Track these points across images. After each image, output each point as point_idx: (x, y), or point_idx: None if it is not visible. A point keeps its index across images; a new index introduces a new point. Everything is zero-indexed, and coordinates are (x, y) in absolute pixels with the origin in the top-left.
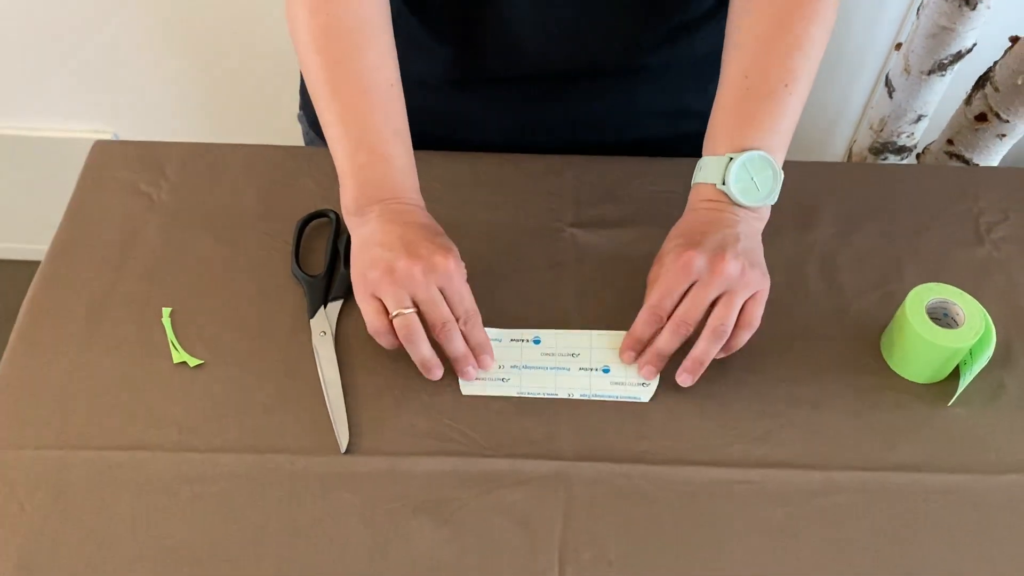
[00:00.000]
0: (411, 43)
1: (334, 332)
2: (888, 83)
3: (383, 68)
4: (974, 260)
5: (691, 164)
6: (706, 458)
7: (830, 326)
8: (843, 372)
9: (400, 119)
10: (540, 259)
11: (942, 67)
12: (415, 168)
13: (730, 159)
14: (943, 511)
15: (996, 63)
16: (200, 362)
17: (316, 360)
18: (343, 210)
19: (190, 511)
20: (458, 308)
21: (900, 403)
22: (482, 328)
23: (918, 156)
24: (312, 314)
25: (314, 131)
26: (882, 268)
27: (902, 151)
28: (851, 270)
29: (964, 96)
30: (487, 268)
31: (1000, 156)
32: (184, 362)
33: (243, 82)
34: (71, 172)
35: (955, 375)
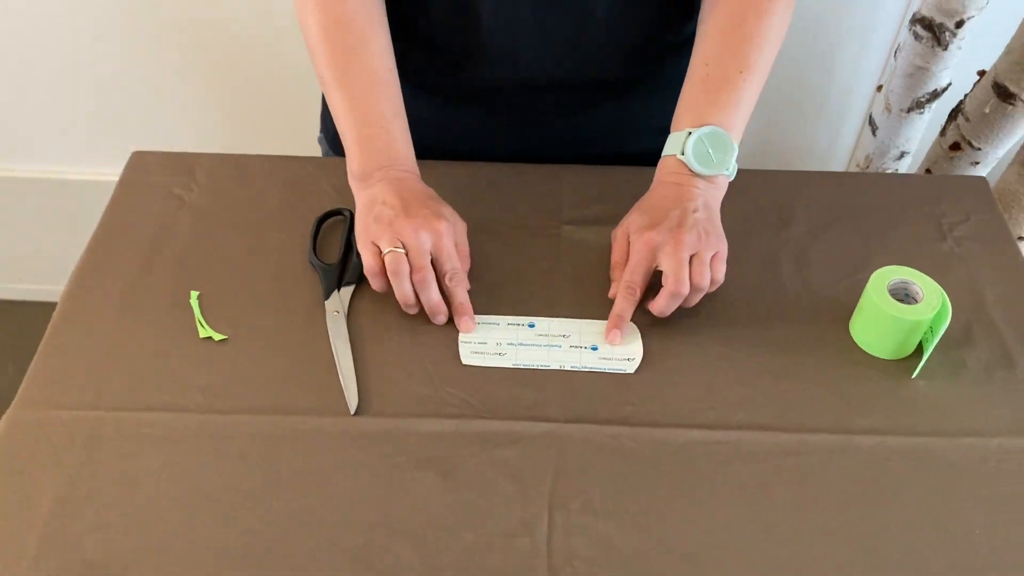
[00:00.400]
0: (413, 54)
1: (346, 312)
2: (871, 122)
3: (384, 58)
4: (937, 254)
5: None
6: (686, 421)
7: (802, 310)
8: (814, 349)
9: (399, 101)
10: (536, 253)
11: (920, 105)
12: (412, 143)
13: (689, 133)
14: (905, 470)
15: (966, 95)
16: (224, 337)
17: (329, 336)
18: (349, 176)
19: (212, 463)
20: (445, 265)
21: (867, 376)
22: (465, 289)
23: None
24: (327, 296)
25: (333, 151)
26: (851, 260)
27: None
28: (822, 262)
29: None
30: (486, 261)
31: None
32: (209, 337)
33: (265, 109)
34: (93, 214)
35: (918, 353)
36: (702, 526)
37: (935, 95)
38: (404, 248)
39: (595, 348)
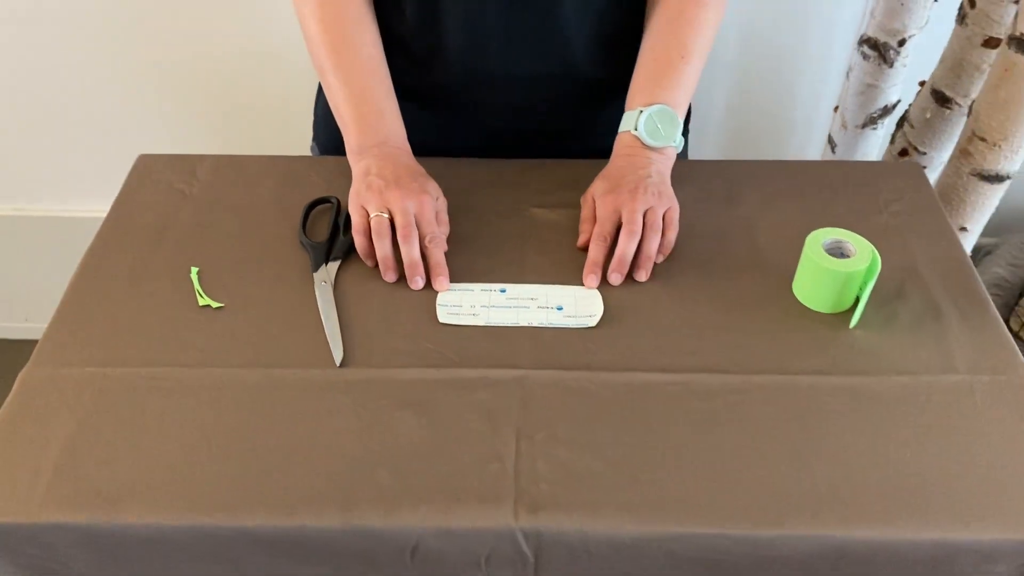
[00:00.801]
0: (389, 56)
1: (333, 283)
2: (830, 140)
3: (376, 48)
4: (874, 225)
5: None
6: (642, 366)
7: (750, 274)
8: (760, 306)
9: (390, 85)
10: (507, 231)
11: (873, 120)
12: (403, 123)
13: (640, 111)
14: (842, 405)
15: (910, 104)
16: (220, 305)
17: (317, 301)
18: (347, 151)
19: (209, 408)
20: (424, 228)
21: (809, 327)
22: (443, 252)
23: None
24: (315, 270)
25: None
26: (794, 231)
27: None
28: (768, 233)
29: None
30: (462, 239)
31: None
32: (207, 305)
33: (260, 123)
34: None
35: (856, 308)
36: (655, 452)
37: (886, 111)
38: (389, 214)
39: (560, 308)
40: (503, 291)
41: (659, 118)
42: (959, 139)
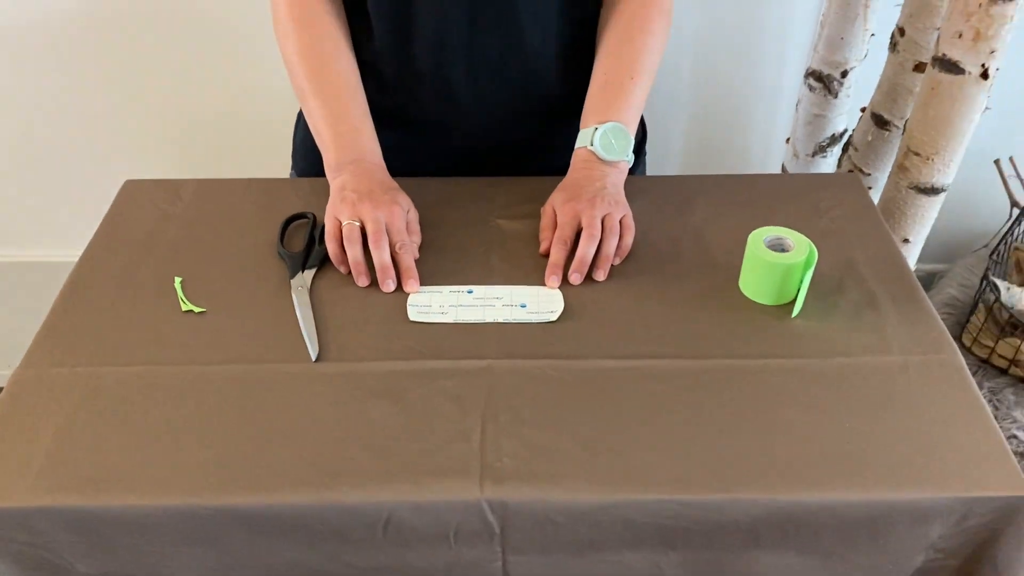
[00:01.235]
0: (375, 90)
1: (309, 288)
2: (784, 170)
3: (351, 72)
4: (816, 228)
5: None
6: (600, 354)
7: (700, 274)
8: (710, 301)
9: (366, 106)
10: (474, 239)
11: (822, 149)
12: (378, 140)
13: (595, 128)
14: (785, 384)
15: (853, 129)
16: (203, 310)
17: (295, 305)
18: (326, 168)
19: (192, 401)
20: (395, 236)
21: (754, 318)
22: (412, 258)
23: None
24: (292, 276)
25: None
26: (741, 236)
27: None
28: (718, 238)
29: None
30: (433, 247)
31: None
32: (190, 310)
33: (241, 153)
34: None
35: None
36: (613, 428)
37: (834, 139)
38: (361, 223)
39: (524, 305)
40: (470, 292)
41: (613, 135)
42: (896, 156)
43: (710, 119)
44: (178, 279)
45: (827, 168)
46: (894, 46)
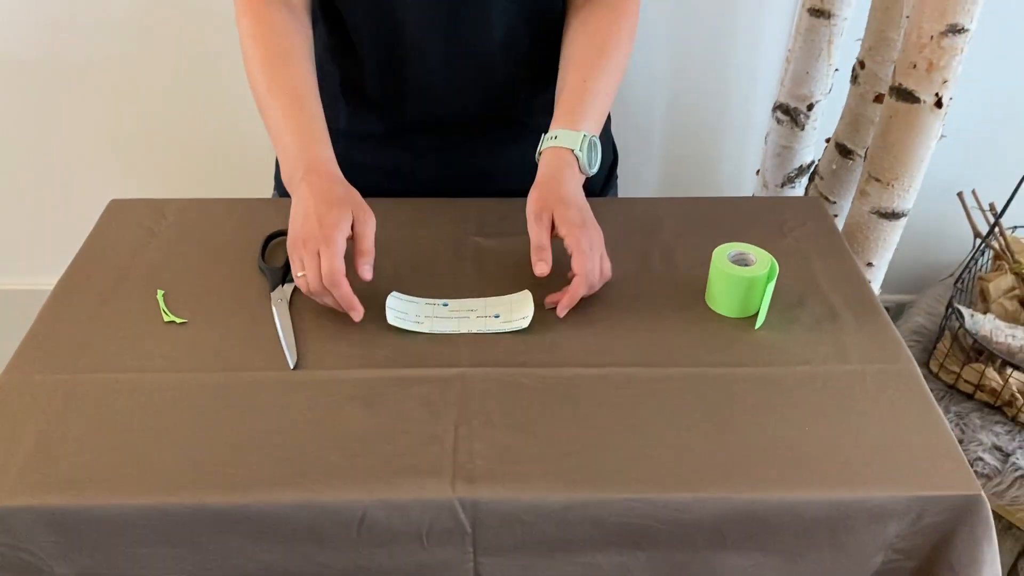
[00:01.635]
0: (350, 106)
1: (289, 300)
2: None
3: (304, 81)
4: (779, 247)
5: None
6: (570, 363)
7: (667, 288)
8: (677, 314)
9: (318, 111)
10: (451, 255)
11: (791, 180)
12: (331, 145)
13: (584, 136)
14: (748, 391)
15: (819, 159)
16: (184, 321)
17: (274, 317)
18: (284, 180)
19: (172, 406)
20: (326, 269)
21: (719, 329)
22: (340, 289)
23: None
24: (272, 289)
25: None
26: (709, 253)
27: None
28: (685, 255)
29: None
30: (411, 262)
31: None
32: (172, 321)
33: (224, 178)
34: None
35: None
36: (581, 431)
37: (802, 170)
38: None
39: (497, 316)
40: (445, 305)
41: (594, 147)
42: (858, 182)
43: (683, 152)
44: (160, 292)
45: None
46: (855, 79)
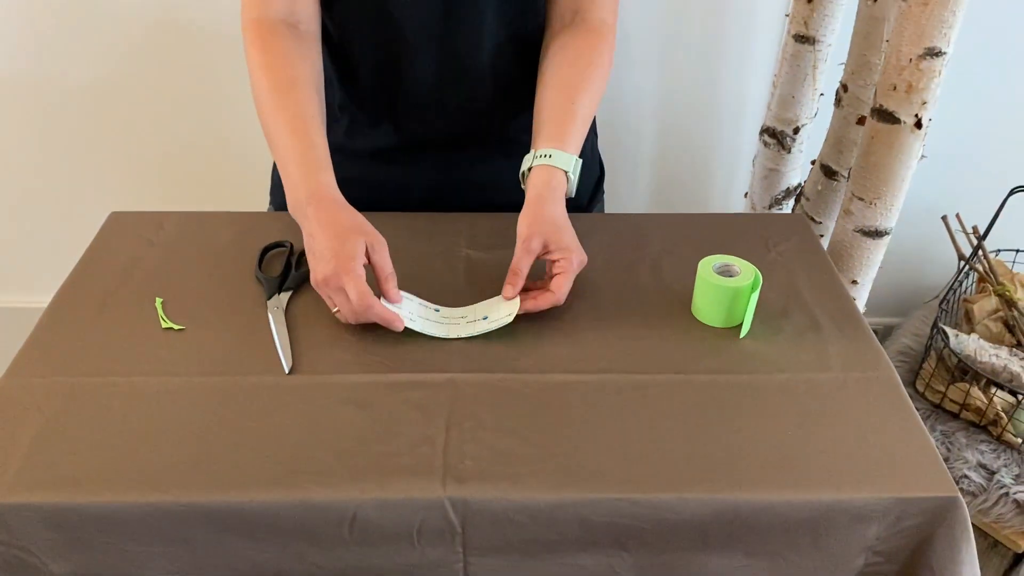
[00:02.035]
0: (345, 122)
1: (284, 308)
2: None
3: (308, 108)
4: (764, 261)
5: None
6: (559, 369)
7: (655, 299)
8: (662, 322)
9: (321, 138)
10: (443, 268)
11: (778, 202)
12: (332, 170)
13: (576, 160)
14: (732, 397)
15: (804, 181)
16: (182, 327)
17: (270, 324)
18: (289, 207)
19: (168, 408)
20: (355, 300)
21: (704, 338)
22: (378, 303)
23: None
24: (269, 297)
25: None
26: (695, 266)
27: None
28: (672, 267)
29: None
30: (404, 274)
31: None
32: (170, 328)
33: (219, 194)
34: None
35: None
36: (570, 435)
37: (789, 193)
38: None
39: (485, 318)
40: (437, 310)
41: (578, 170)
42: (842, 201)
43: (672, 175)
44: (159, 299)
45: None
46: (839, 101)
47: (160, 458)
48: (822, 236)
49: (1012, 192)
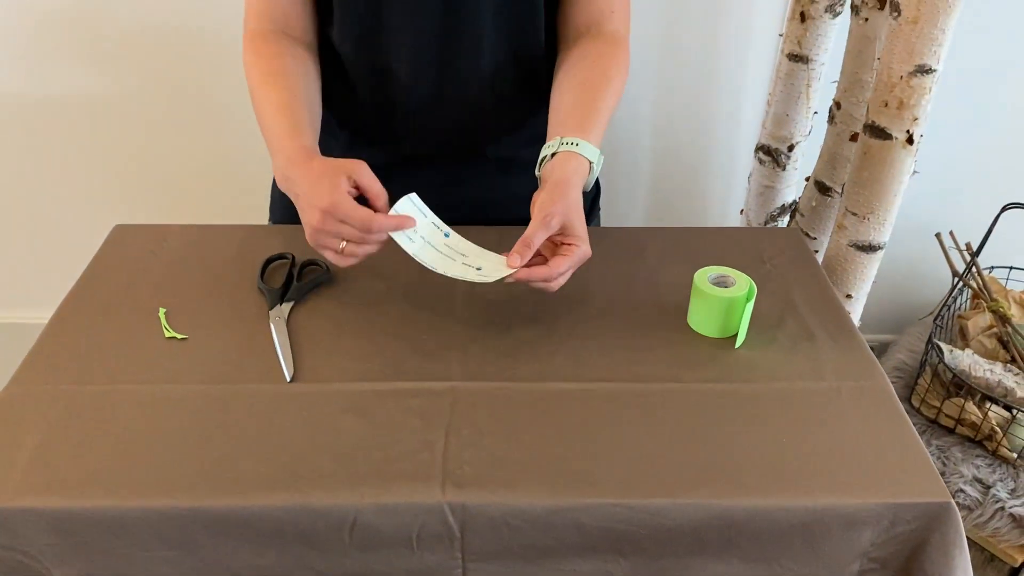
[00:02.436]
0: (353, 143)
1: (286, 318)
2: None
3: (295, 90)
4: (759, 272)
5: None
6: (557, 378)
7: (651, 310)
8: (658, 332)
9: (303, 111)
10: (444, 282)
11: (773, 218)
12: (310, 133)
13: (599, 153)
14: (729, 404)
15: (799, 197)
16: (185, 336)
17: (272, 333)
18: (279, 183)
19: (171, 415)
20: (345, 233)
21: (700, 348)
22: (367, 253)
23: None
24: (271, 308)
25: None
26: (691, 278)
27: None
28: (668, 279)
29: None
30: (404, 286)
31: None
32: (173, 337)
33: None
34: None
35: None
36: (567, 441)
37: (784, 210)
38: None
39: (480, 269)
40: (447, 236)
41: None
42: (836, 216)
43: (669, 192)
44: (162, 309)
45: None
46: (832, 119)
47: (163, 464)
48: (817, 251)
49: (1004, 208)
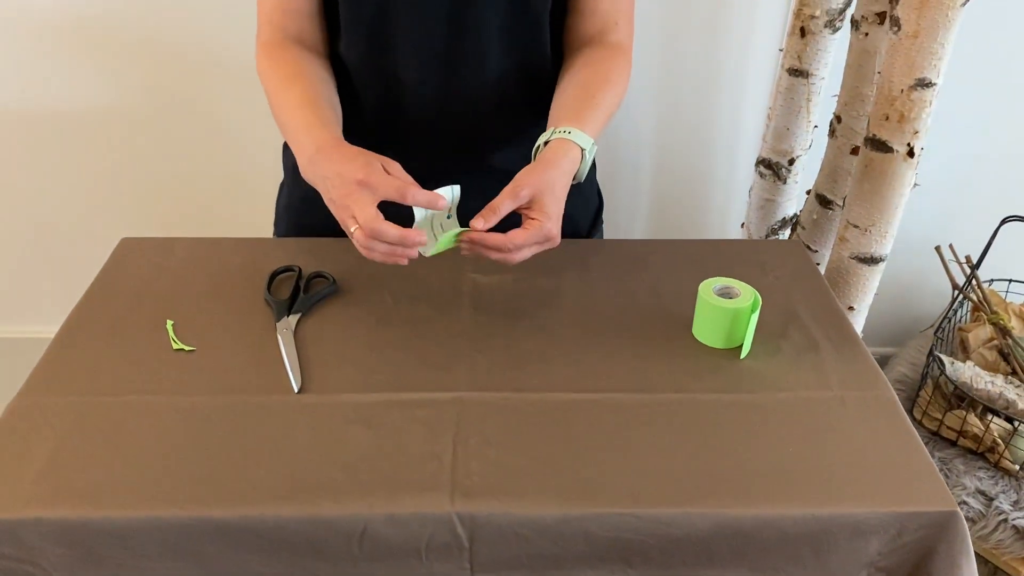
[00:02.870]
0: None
1: (293, 330)
2: None
3: (313, 87)
4: (762, 284)
5: None
6: (564, 389)
7: (655, 322)
8: (663, 343)
9: (326, 104)
10: (449, 291)
11: (774, 231)
12: (335, 123)
13: (592, 142)
14: (735, 414)
15: (800, 210)
16: (192, 348)
17: (280, 345)
18: (303, 173)
19: (180, 426)
20: (392, 194)
21: (705, 359)
22: (416, 192)
23: None
24: (278, 320)
25: None
26: (695, 290)
27: None
28: (672, 291)
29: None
30: (410, 295)
31: None
32: (181, 349)
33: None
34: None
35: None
36: (575, 451)
37: (785, 223)
38: (358, 224)
39: (444, 234)
40: (448, 217)
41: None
42: (838, 229)
43: (670, 206)
44: (170, 322)
45: None
46: (833, 132)
47: (171, 474)
48: (819, 264)
49: (1004, 221)
